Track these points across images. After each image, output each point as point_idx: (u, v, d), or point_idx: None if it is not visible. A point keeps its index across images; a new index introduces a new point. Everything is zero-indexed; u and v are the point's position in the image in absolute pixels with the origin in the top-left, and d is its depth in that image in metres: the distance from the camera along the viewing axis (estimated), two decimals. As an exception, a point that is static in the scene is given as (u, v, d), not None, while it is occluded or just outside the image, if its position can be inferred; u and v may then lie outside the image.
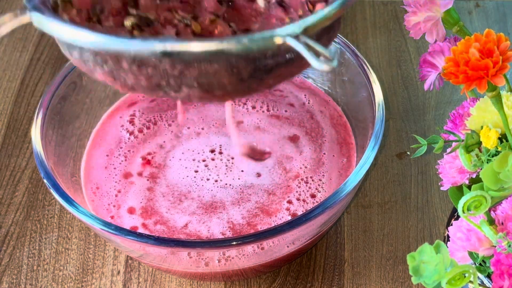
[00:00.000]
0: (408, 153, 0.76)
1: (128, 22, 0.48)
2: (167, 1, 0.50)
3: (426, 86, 0.58)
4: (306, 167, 0.68)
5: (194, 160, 0.68)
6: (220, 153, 0.69)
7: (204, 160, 0.68)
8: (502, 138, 0.51)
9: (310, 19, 0.42)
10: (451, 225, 0.51)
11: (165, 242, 0.57)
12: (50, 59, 0.86)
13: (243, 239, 0.57)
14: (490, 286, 0.52)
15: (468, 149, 0.51)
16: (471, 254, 0.49)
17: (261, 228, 0.64)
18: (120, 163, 0.69)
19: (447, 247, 0.47)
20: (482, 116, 0.52)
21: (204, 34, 0.48)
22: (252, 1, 0.51)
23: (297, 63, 0.45)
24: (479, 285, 0.52)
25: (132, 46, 0.40)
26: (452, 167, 0.53)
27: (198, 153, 0.69)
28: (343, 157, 0.69)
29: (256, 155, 0.59)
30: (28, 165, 0.76)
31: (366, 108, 0.67)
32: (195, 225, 0.64)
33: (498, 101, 0.49)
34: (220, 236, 0.63)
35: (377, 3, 0.90)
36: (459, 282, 0.44)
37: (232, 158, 0.68)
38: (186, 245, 0.57)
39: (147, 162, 0.69)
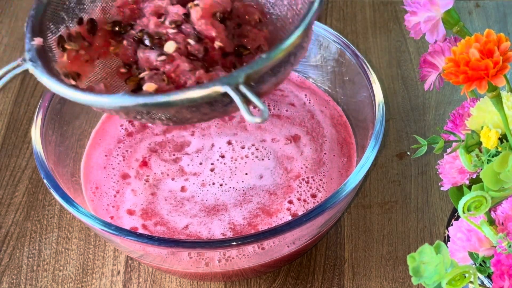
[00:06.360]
0: (408, 153, 0.76)
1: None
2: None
3: (426, 86, 0.58)
4: (307, 167, 0.68)
5: (201, 164, 0.68)
6: (223, 156, 0.69)
7: (212, 164, 0.68)
8: (502, 138, 0.50)
9: (249, 67, 0.46)
10: (451, 225, 0.51)
11: (166, 242, 0.57)
12: (50, 59, 0.86)
13: (243, 239, 0.57)
14: (490, 286, 0.52)
15: (468, 149, 0.51)
16: (471, 254, 0.49)
17: (261, 228, 0.64)
18: (118, 163, 0.69)
19: (447, 247, 0.47)
20: (482, 116, 0.52)
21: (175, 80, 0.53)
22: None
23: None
24: (480, 285, 0.52)
25: (111, 103, 0.48)
26: (452, 167, 0.53)
27: (206, 156, 0.69)
28: (343, 157, 0.69)
29: None
30: (28, 165, 0.76)
31: (366, 108, 0.67)
32: (195, 226, 0.64)
33: (498, 101, 0.49)
34: (221, 237, 0.63)
35: (377, 3, 0.90)
36: (459, 283, 0.44)
37: (236, 160, 0.68)
38: (187, 246, 0.57)
39: (143, 163, 0.68)
